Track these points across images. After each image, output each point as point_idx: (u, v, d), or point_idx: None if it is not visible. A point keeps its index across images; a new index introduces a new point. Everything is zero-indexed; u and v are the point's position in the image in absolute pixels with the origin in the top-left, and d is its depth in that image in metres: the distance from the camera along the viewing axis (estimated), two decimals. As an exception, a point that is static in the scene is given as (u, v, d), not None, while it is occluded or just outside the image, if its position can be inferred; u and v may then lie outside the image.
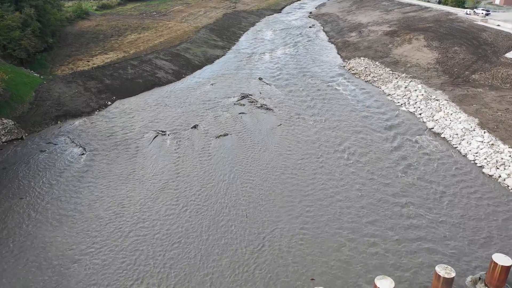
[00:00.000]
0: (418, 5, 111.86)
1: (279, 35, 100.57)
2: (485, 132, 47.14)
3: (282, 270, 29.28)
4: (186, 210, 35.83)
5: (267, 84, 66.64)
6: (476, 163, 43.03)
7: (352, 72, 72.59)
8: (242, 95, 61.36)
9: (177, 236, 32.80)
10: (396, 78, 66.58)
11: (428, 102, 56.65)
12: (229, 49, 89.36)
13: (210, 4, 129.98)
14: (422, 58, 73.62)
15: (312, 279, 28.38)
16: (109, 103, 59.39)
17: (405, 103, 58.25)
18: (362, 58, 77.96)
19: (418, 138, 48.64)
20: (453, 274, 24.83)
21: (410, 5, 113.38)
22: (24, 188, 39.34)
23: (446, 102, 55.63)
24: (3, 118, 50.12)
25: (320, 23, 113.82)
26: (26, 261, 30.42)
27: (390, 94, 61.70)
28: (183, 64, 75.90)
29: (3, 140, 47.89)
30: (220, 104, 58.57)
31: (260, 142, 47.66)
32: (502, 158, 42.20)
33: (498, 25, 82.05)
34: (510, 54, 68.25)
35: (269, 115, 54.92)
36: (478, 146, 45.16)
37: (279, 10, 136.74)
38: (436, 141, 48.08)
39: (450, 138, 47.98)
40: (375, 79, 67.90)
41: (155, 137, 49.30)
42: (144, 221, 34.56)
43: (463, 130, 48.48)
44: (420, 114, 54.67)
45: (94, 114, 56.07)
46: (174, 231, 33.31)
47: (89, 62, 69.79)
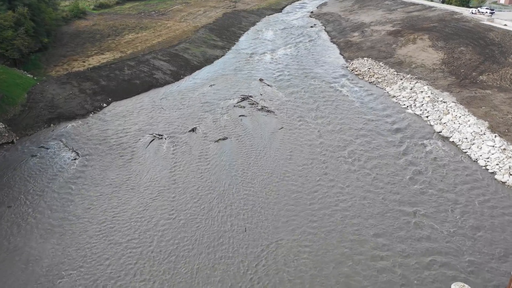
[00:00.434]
0: (422, 4, 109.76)
1: (280, 35, 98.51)
2: (496, 136, 45.08)
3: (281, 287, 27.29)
4: (181, 222, 33.79)
5: (268, 85, 64.60)
6: (487, 169, 40.98)
7: (355, 73, 70.54)
8: (242, 97, 59.32)
9: (170, 250, 30.77)
10: (401, 79, 64.52)
11: (435, 104, 54.59)
12: (229, 49, 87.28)
13: (210, 3, 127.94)
14: (427, 58, 71.55)
15: None
16: (104, 105, 57.36)
17: (411, 105, 56.18)
18: (365, 58, 75.91)
19: (425, 142, 46.58)
20: (471, 294, 22.87)
21: (414, 4, 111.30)
22: (13, 195, 37.32)
23: (454, 104, 53.58)
24: (-7, 121, 48.19)
25: (321, 23, 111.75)
26: (11, 275, 28.40)
27: (395, 96, 59.63)
28: (182, 64, 73.86)
29: (-7, 144, 45.96)
30: (219, 106, 56.53)
31: (260, 146, 45.61)
32: (515, 164, 40.17)
33: (505, 24, 79.94)
34: (518, 55, 66.17)
35: (270, 118, 52.87)
36: (489, 151, 43.11)
37: (280, 10, 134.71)
38: (444, 145, 46.02)
39: (460, 143, 45.94)
40: (380, 80, 65.84)
41: (152, 141, 47.27)
42: (136, 234, 32.54)
43: (473, 134, 46.44)
44: (427, 116, 52.61)
45: (89, 116, 54.04)
46: (168, 246, 31.28)
47: (84, 62, 67.75)
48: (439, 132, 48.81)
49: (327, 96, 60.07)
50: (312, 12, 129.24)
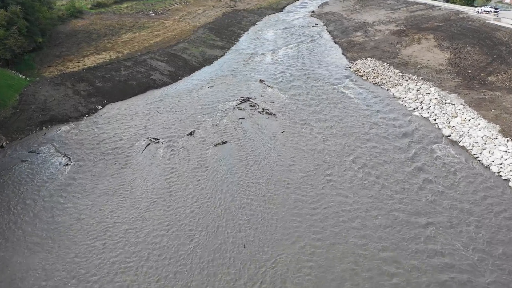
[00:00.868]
0: (426, 3, 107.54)
1: (281, 35, 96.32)
2: (508, 140, 42.93)
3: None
4: (176, 236, 31.68)
5: (269, 86, 62.46)
6: (501, 176, 38.82)
7: (359, 73, 68.37)
8: (242, 99, 57.19)
9: (164, 269, 28.69)
10: (406, 80, 62.37)
11: (442, 107, 52.45)
12: (228, 49, 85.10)
13: (210, 2, 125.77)
14: (433, 59, 69.39)
15: None
16: (99, 107, 55.26)
17: (417, 108, 54.04)
18: (369, 59, 73.75)
19: (434, 147, 44.44)
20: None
21: (417, 3, 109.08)
22: (-1, 204, 35.32)
23: (462, 106, 51.44)
24: (-18, 125, 46.13)
25: (323, 23, 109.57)
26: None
27: (401, 98, 57.48)
28: (180, 65, 71.74)
29: (-19, 149, 43.91)
30: (218, 108, 54.40)
31: (261, 151, 43.48)
32: (530, 171, 38.07)
33: (513, 24, 77.74)
34: (527, 55, 64.00)
35: (271, 121, 50.74)
36: (502, 157, 40.96)
37: (281, 9, 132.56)
38: (454, 150, 43.87)
39: (470, 147, 43.80)
40: (384, 81, 63.69)
41: (148, 145, 45.18)
42: (127, 247, 30.46)
43: (484, 138, 44.30)
44: (435, 119, 50.46)
45: (83, 119, 51.95)
46: (162, 263, 29.21)
47: (79, 63, 65.63)
48: (448, 136, 46.67)
49: (330, 98, 57.92)
50: (313, 11, 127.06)
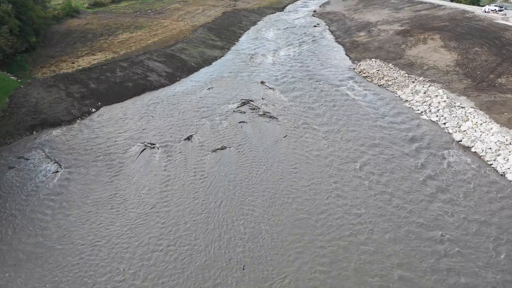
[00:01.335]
0: (430, 2, 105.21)
1: (282, 35, 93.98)
2: (523, 146, 40.68)
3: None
4: (169, 253, 29.37)
5: (270, 88, 60.12)
6: (517, 185, 36.58)
7: (363, 75, 66.05)
8: (243, 101, 54.86)
9: None
10: (413, 82, 60.05)
11: (452, 110, 50.13)
12: (228, 49, 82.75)
13: (209, 2, 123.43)
14: (439, 59, 67.06)
15: None
16: (93, 110, 52.92)
17: (425, 111, 51.71)
18: (373, 59, 71.45)
19: (445, 153, 42.12)
20: None
21: (422, 2, 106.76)
22: (-18, 215, 33.01)
23: (473, 110, 49.12)
24: (-32, 129, 43.83)
25: (325, 22, 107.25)
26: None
27: (408, 100, 55.15)
28: (178, 66, 69.42)
29: (-34, 155, 41.58)
30: (217, 111, 52.08)
31: (263, 158, 41.16)
32: (549, 180, 35.76)
33: (521, 23, 75.47)
34: (538, 56, 61.67)
35: (273, 125, 48.42)
36: (517, 164, 38.69)
37: (282, 9, 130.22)
38: (466, 156, 41.56)
39: (483, 153, 41.48)
40: (390, 83, 61.35)
41: (143, 150, 42.88)
42: (118, 265, 28.17)
43: (497, 143, 41.98)
44: (444, 123, 48.15)
45: (76, 123, 49.61)
46: (154, 282, 26.90)
47: (74, 63, 63.27)
48: (459, 141, 44.37)
49: (334, 100, 55.60)
50: (315, 11, 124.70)
